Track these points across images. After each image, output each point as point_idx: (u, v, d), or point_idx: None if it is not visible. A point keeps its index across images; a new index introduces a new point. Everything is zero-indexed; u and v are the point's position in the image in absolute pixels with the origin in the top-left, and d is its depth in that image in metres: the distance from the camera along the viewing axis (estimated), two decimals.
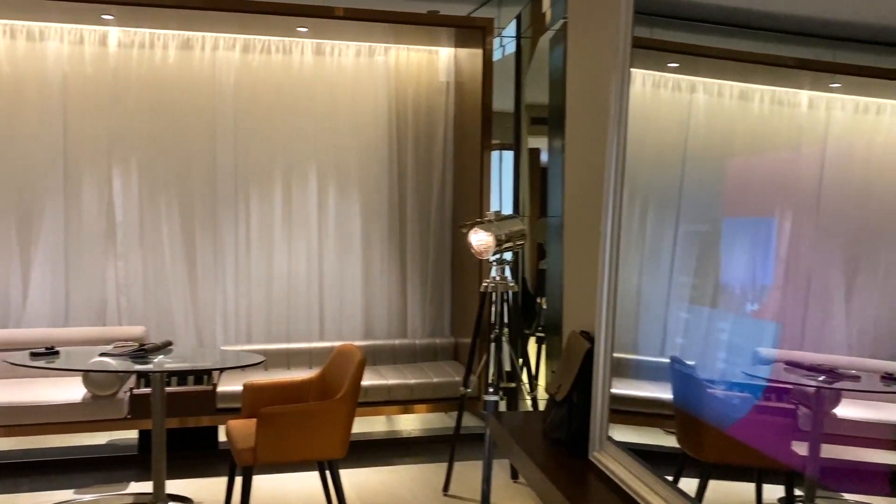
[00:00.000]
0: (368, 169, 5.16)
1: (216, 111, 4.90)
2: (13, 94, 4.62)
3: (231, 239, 4.96)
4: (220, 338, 4.94)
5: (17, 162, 4.63)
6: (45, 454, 4.43)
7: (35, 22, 4.60)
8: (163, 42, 4.82)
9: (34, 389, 4.11)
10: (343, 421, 3.35)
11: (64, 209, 4.70)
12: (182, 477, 4.05)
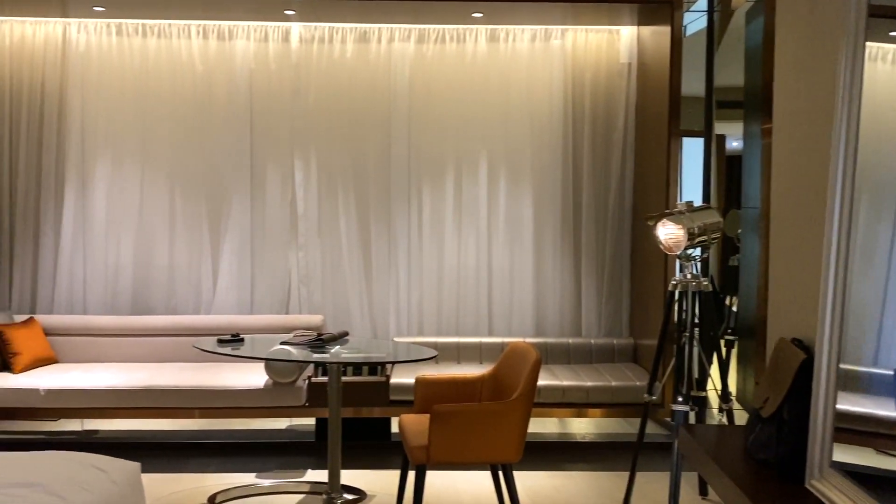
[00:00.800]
0: (541, 158, 4.95)
1: (391, 103, 4.90)
2: (205, 91, 4.86)
3: (404, 230, 4.95)
4: (393, 329, 4.94)
5: (208, 157, 4.88)
6: (230, 436, 4.63)
7: (224, 21, 4.82)
8: (341, 36, 4.88)
9: (222, 374, 4.29)
10: (518, 423, 3.18)
11: (250, 201, 4.89)
12: (356, 467, 4.06)
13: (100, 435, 4.67)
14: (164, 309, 4.89)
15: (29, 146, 4.83)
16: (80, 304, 4.88)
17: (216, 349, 3.59)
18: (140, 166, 4.87)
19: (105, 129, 4.86)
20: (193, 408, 4.15)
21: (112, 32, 4.83)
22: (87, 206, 4.87)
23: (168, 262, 4.90)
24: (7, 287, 4.86)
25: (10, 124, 4.82)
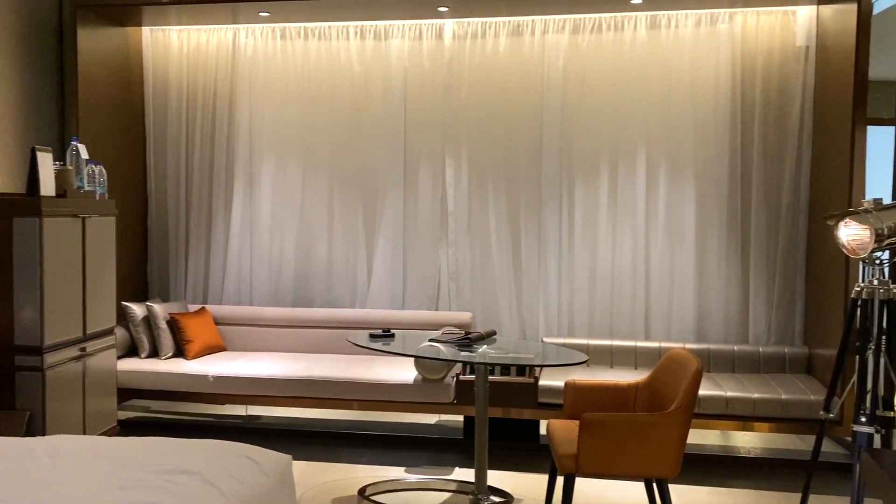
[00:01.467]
0: (706, 151, 4.63)
1: (543, 97, 4.77)
2: (362, 91, 4.97)
3: (555, 228, 4.81)
4: (543, 329, 4.83)
5: (364, 154, 4.99)
6: (382, 429, 4.72)
7: (380, 21, 4.89)
8: (494, 30, 4.81)
9: (374, 368, 4.37)
10: (676, 437, 2.97)
11: (403, 198, 4.96)
12: (503, 468, 4.00)
13: (262, 420, 4.92)
14: (323, 302, 5.07)
15: (203, 146, 5.17)
16: (247, 296, 5.16)
17: (367, 344, 3.65)
18: (301, 164, 5.07)
19: (270, 129, 5.11)
20: (353, 399, 4.25)
21: (276, 36, 5.05)
22: (253, 203, 5.13)
23: (326, 257, 5.07)
24: (183, 278, 5.23)
25: (187, 126, 5.18)
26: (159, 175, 5.23)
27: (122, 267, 4.50)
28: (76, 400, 3.75)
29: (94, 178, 4.00)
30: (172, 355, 4.64)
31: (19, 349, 3.46)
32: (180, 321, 4.67)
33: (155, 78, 5.19)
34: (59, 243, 3.58)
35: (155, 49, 5.19)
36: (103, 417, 4.01)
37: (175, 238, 5.23)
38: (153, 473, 2.16)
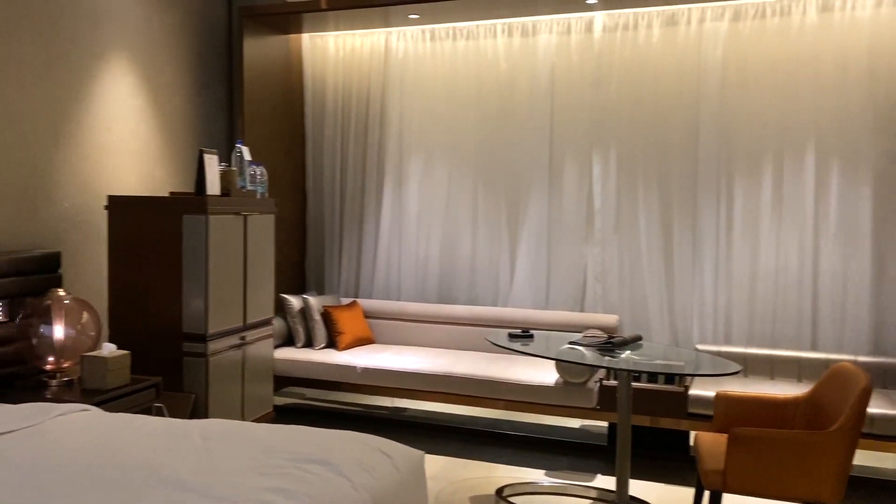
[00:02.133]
0: (885, 144, 4.18)
1: (700, 89, 4.51)
2: (508, 88, 4.95)
3: (711, 228, 4.54)
4: (696, 336, 4.57)
5: (510, 152, 4.97)
6: (523, 429, 4.68)
7: (528, 18, 4.84)
8: (647, 21, 4.62)
9: (515, 368, 4.34)
10: (838, 459, 2.70)
11: (548, 195, 4.88)
12: (647, 479, 3.83)
13: (407, 413, 5.04)
14: (467, 299, 5.10)
15: (356, 146, 5.36)
16: (395, 291, 5.30)
17: (506, 344, 3.62)
18: (448, 162, 5.13)
19: (418, 128, 5.21)
20: (497, 399, 4.25)
21: (426, 38, 5.14)
22: (402, 201, 5.26)
23: (470, 254, 5.10)
24: (336, 273, 5.46)
25: (341, 128, 5.40)
26: (316, 175, 5.49)
27: (280, 261, 4.77)
28: (236, 385, 4.01)
29: (256, 178, 4.26)
30: (325, 346, 4.86)
31: (187, 336, 3.75)
32: (333, 314, 4.88)
33: (314, 82, 5.45)
34: (223, 239, 3.84)
35: (314, 54, 5.46)
36: (260, 402, 4.26)
37: (330, 234, 5.48)
38: (291, 461, 2.25)
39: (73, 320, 3.37)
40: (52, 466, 2.21)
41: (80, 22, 3.96)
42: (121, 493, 2.01)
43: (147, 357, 3.68)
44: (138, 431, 2.58)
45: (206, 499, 1.97)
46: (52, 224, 3.82)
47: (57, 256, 3.67)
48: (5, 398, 3.08)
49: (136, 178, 4.41)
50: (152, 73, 4.50)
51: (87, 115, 4.03)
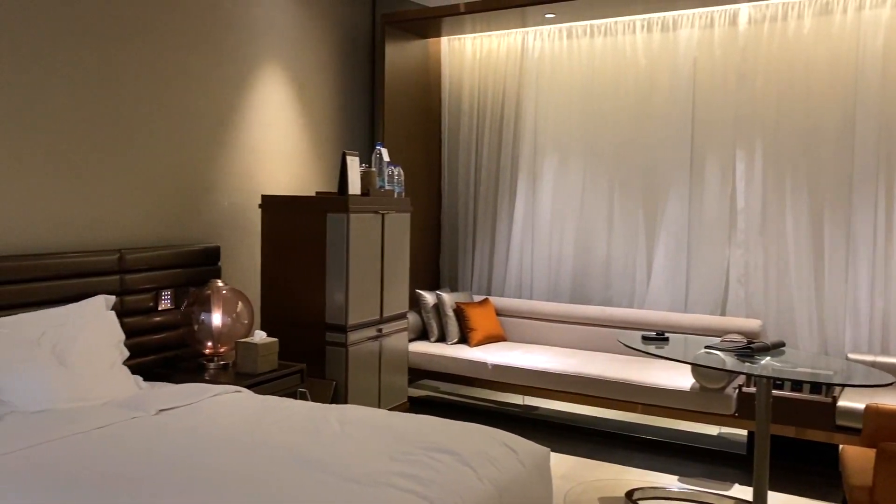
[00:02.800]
0: None
1: (857, 82, 4.22)
2: (647, 85, 4.85)
3: (868, 229, 4.24)
4: (849, 344, 4.28)
5: (647, 151, 4.87)
6: (655, 434, 4.58)
7: (669, 12, 4.72)
8: (797, 11, 4.38)
9: (649, 371, 4.26)
10: None
11: (688, 195, 4.74)
12: (788, 491, 3.65)
13: (538, 412, 5.06)
14: (600, 300, 5.05)
15: (490, 146, 5.45)
16: (527, 289, 5.34)
17: (639, 346, 3.57)
18: (583, 161, 5.10)
19: (553, 126, 5.21)
20: (631, 401, 4.19)
21: (563, 36, 5.14)
22: (535, 199, 5.29)
23: (605, 255, 5.05)
24: (469, 270, 5.58)
25: (477, 128, 5.51)
26: (451, 174, 5.62)
27: (415, 258, 4.94)
28: (373, 375, 4.20)
29: (394, 178, 4.44)
30: (458, 341, 4.98)
31: (329, 326, 3.98)
32: (465, 310, 4.99)
33: (451, 84, 5.59)
34: (362, 236, 4.04)
35: (451, 57, 5.59)
36: (396, 393, 4.44)
37: (463, 233, 5.60)
38: (419, 449, 2.36)
39: (229, 309, 3.67)
40: (207, 440, 2.44)
41: (240, 35, 4.29)
42: (265, 469, 2.19)
43: (293, 345, 3.95)
44: (283, 413, 2.79)
45: (341, 479, 2.11)
46: (213, 221, 4.17)
47: (217, 251, 4.00)
48: (169, 378, 3.41)
49: (286, 179, 4.71)
50: (302, 81, 4.79)
51: (243, 121, 4.36)
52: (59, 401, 2.73)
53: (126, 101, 3.61)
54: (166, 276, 3.67)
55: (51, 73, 3.24)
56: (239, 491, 2.00)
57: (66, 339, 2.91)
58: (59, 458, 2.25)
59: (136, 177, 3.68)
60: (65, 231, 3.33)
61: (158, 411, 2.76)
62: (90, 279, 3.29)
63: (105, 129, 3.51)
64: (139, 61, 3.66)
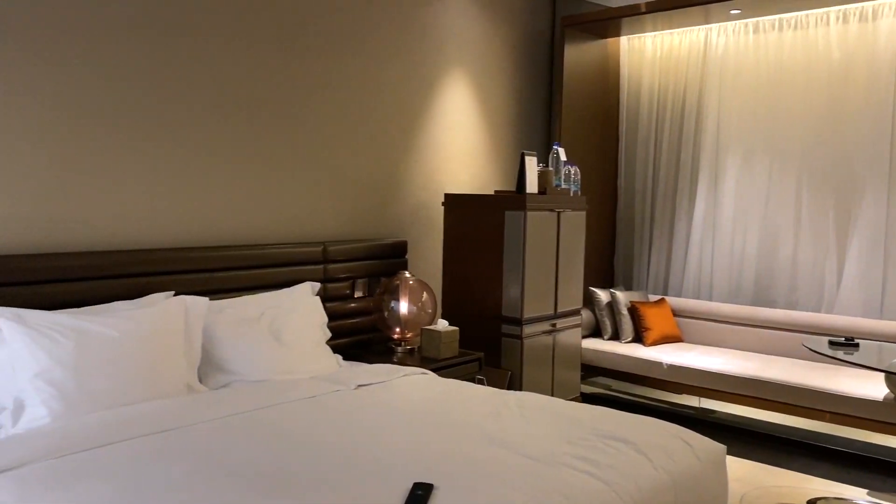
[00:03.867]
0: None
1: None
2: (841, 79, 4.61)
3: None
4: None
5: (839, 148, 4.62)
6: (840, 444, 4.35)
7: (868, 2, 4.45)
8: None
9: (836, 378, 4.07)
10: None
11: (886, 195, 4.45)
12: None
13: (715, 415, 4.96)
14: (785, 303, 4.86)
15: (670, 143, 5.40)
16: (707, 290, 5.24)
17: (826, 351, 3.44)
18: (768, 158, 4.93)
19: (737, 123, 5.07)
20: (816, 409, 4.03)
21: (749, 31, 4.99)
22: (717, 198, 5.18)
23: (791, 256, 4.85)
24: (645, 269, 5.56)
25: (655, 125, 5.48)
26: (628, 173, 5.63)
27: (590, 256, 5.01)
28: (546, 368, 4.35)
29: (570, 177, 4.55)
30: (631, 340, 5.00)
31: (505, 319, 4.18)
32: (640, 309, 5.00)
33: (629, 83, 5.60)
34: (538, 233, 4.20)
35: (630, 56, 5.60)
36: (568, 387, 4.55)
37: (640, 231, 5.59)
38: (594, 436, 2.47)
39: (415, 298, 3.97)
40: (399, 414, 2.71)
41: (429, 44, 4.59)
42: (452, 442, 2.41)
43: (471, 334, 4.19)
44: (465, 395, 3.01)
45: (519, 455, 2.28)
46: (400, 217, 4.50)
47: (404, 245, 4.33)
48: (362, 358, 3.76)
49: (467, 178, 4.97)
50: (483, 84, 5.03)
51: (429, 123, 4.66)
52: (274, 372, 3.13)
53: (329, 112, 4.01)
54: (361, 266, 4.04)
55: (269, 86, 3.69)
56: (429, 460, 2.23)
57: (280, 319, 3.31)
58: (276, 420, 2.61)
59: (337, 179, 4.07)
60: (278, 226, 3.78)
61: (357, 386, 3.08)
62: (299, 268, 3.71)
63: (311, 138, 3.93)
64: (342, 73, 4.05)
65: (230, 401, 2.78)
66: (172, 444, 2.32)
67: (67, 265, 2.85)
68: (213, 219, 3.49)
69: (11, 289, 2.70)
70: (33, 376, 2.49)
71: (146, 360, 2.73)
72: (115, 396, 2.61)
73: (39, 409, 2.47)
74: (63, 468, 2.11)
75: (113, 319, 2.74)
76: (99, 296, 2.93)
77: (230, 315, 3.20)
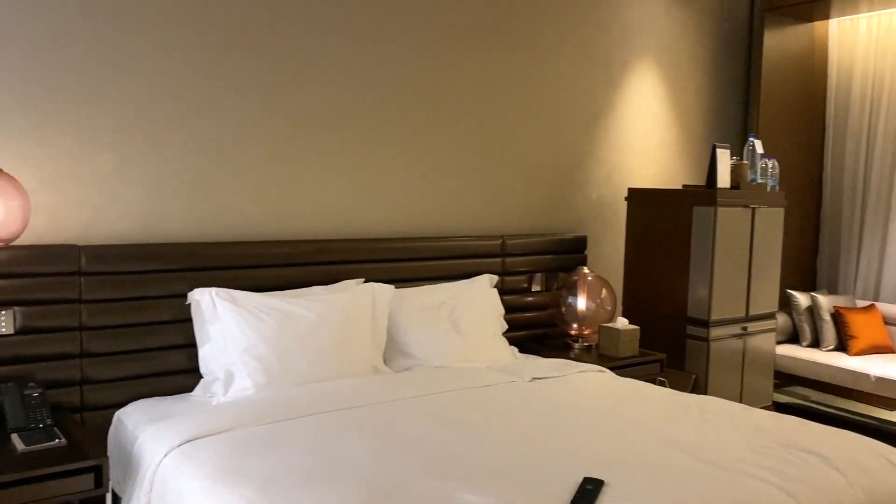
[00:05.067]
0: None
1: None
2: None
3: None
4: None
5: None
6: None
7: None
8: None
9: None
10: None
11: None
12: None
13: None
14: None
15: (886, 134, 4.89)
16: None
17: None
18: None
19: None
20: None
21: None
22: None
23: None
24: (853, 272, 5.08)
25: (869, 115, 4.99)
26: (835, 167, 5.17)
27: (788, 256, 4.67)
28: (734, 373, 4.12)
29: (767, 171, 4.27)
30: (834, 348, 4.60)
31: (690, 320, 4.01)
32: (845, 315, 4.59)
33: (839, 68, 5.14)
34: (730, 231, 3.98)
35: (841, 40, 5.14)
36: (759, 396, 4.28)
37: (848, 230, 5.12)
38: (781, 446, 2.32)
39: (593, 295, 3.93)
40: (573, 410, 2.70)
41: (611, 36, 4.51)
42: (624, 439, 2.37)
43: (652, 334, 4.06)
44: (643, 396, 2.94)
45: (696, 460, 2.19)
46: (580, 212, 4.47)
47: (584, 240, 4.29)
48: (538, 352, 3.79)
49: (652, 172, 4.82)
50: (670, 74, 4.85)
51: (613, 116, 4.57)
52: (453, 359, 3.24)
53: (510, 106, 4.06)
54: (539, 260, 4.06)
55: (452, 83, 3.81)
56: (601, 457, 2.21)
57: (459, 309, 3.42)
58: (454, 405, 2.70)
59: (517, 173, 4.12)
60: (459, 219, 3.90)
61: (532, 379, 3.11)
62: (478, 260, 3.81)
63: (493, 133, 4.01)
64: (523, 67, 4.09)
65: (412, 383, 2.92)
66: (359, 420, 2.49)
67: (272, 252, 3.14)
68: (401, 212, 3.68)
69: (227, 272, 3.02)
70: (242, 351, 2.77)
71: (338, 341, 2.95)
72: (310, 373, 2.84)
73: (246, 381, 2.74)
74: (264, 435, 2.34)
75: (310, 302, 2.98)
76: (298, 280, 3.20)
77: (413, 303, 3.36)
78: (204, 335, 2.84)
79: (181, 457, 2.21)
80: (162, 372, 2.88)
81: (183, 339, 2.91)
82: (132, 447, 2.43)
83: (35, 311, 2.61)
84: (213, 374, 2.82)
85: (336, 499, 1.87)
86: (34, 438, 2.28)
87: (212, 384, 2.79)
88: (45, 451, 2.23)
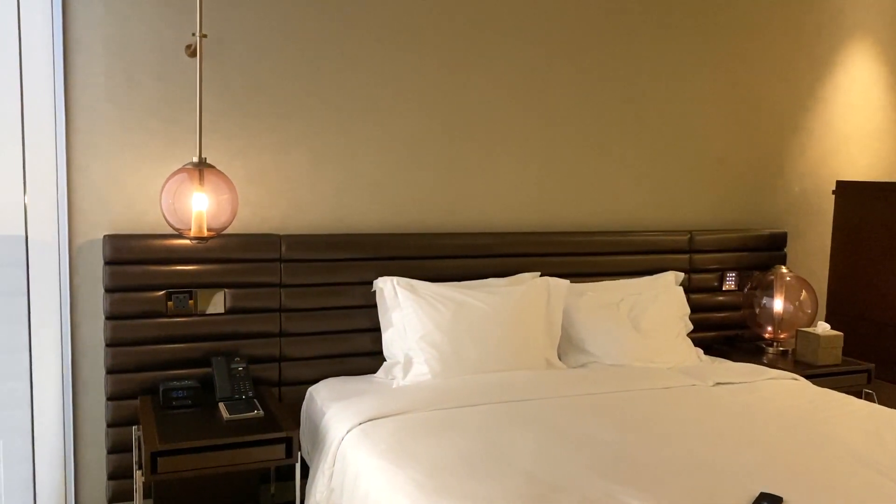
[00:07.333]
0: None
1: None
2: None
3: None
4: None
5: None
6: None
7: None
8: None
9: None
10: None
11: None
12: None
13: None
14: None
15: None
16: None
17: None
18: None
19: None
20: None
21: None
22: None
23: None
24: None
25: None
26: None
27: None
28: None
29: None
30: None
31: None
32: None
33: None
34: None
35: None
36: None
37: None
38: None
39: (792, 296, 3.64)
40: (759, 420, 2.53)
41: (823, 14, 4.12)
42: (812, 454, 2.18)
43: (860, 342, 3.69)
44: (843, 409, 2.68)
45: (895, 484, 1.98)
46: (780, 206, 4.14)
47: (783, 237, 3.98)
48: (727, 355, 3.58)
49: (867, 162, 4.36)
50: (892, 57, 4.34)
51: (821, 103, 4.18)
52: (631, 359, 3.16)
53: (700, 95, 3.85)
54: (731, 258, 3.83)
55: (641, 70, 3.69)
56: (783, 472, 2.06)
57: (640, 306, 3.33)
58: (628, 406, 2.64)
59: (707, 164, 3.91)
60: (643, 213, 3.77)
61: (716, 384, 2.96)
62: (663, 256, 3.66)
63: (681, 122, 3.82)
64: (715, 53, 3.86)
65: (586, 381, 2.89)
66: (527, 413, 2.51)
67: (452, 243, 3.24)
68: (579, 205, 3.63)
69: (410, 262, 3.16)
70: (419, 338, 2.90)
71: (511, 333, 2.98)
72: (482, 363, 2.91)
73: (422, 367, 2.86)
74: (436, 420, 2.43)
75: (484, 294, 3.04)
76: (476, 272, 3.27)
77: (590, 299, 3.31)
78: (387, 321, 3.00)
79: (360, 434, 2.36)
80: (350, 353, 3.08)
81: (370, 324, 3.10)
82: (320, 422, 2.64)
83: (242, 294, 2.90)
84: (395, 357, 2.97)
85: (500, 489, 1.91)
86: (237, 408, 2.54)
87: (393, 367, 2.95)
88: (245, 420, 2.48)
